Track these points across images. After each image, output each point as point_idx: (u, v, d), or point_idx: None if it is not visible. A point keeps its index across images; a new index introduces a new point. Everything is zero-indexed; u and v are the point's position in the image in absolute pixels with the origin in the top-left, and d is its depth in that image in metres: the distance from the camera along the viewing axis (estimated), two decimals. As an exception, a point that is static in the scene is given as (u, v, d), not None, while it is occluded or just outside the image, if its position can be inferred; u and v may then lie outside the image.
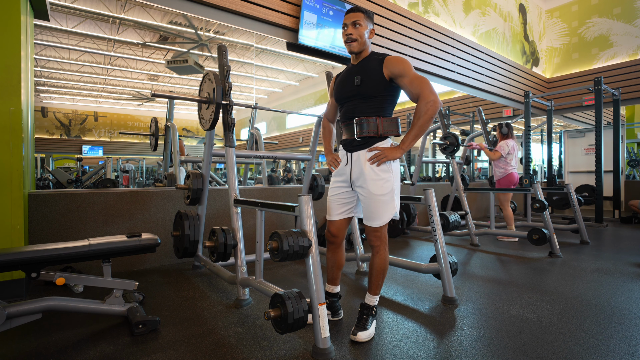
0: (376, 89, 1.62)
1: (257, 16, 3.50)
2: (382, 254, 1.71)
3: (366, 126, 1.62)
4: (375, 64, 1.63)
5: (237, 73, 12.45)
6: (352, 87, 1.66)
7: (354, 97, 1.67)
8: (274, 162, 10.22)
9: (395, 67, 1.59)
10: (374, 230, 1.69)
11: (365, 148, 1.65)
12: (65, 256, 1.68)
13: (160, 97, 3.07)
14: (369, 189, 1.63)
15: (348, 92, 1.69)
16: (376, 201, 1.63)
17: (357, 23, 1.64)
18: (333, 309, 1.89)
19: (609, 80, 7.14)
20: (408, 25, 5.05)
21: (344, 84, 1.71)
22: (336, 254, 1.85)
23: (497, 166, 4.31)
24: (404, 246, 3.92)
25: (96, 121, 17.03)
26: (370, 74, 1.62)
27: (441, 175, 10.55)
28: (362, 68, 1.66)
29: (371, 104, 1.64)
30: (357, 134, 1.64)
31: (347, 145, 1.71)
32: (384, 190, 1.62)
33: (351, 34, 1.64)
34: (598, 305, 2.12)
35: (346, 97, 1.70)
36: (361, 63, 1.68)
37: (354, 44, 1.65)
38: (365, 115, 1.63)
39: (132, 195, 2.99)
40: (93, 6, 7.79)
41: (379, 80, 1.61)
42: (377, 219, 1.66)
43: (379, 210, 1.64)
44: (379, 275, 1.73)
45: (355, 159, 1.67)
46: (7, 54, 2.20)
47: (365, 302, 1.76)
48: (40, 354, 1.55)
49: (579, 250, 3.68)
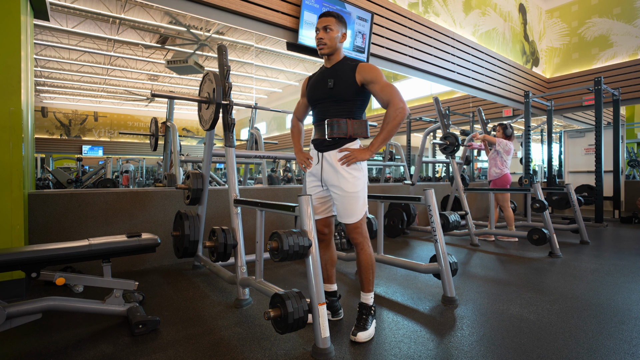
0: (347, 93, 1.68)
1: (257, 16, 3.50)
2: (366, 249, 1.75)
3: (337, 127, 1.68)
4: (348, 69, 1.69)
5: (237, 73, 12.45)
6: (324, 90, 1.72)
7: (326, 100, 1.72)
8: (274, 162, 10.21)
9: (367, 74, 1.65)
10: (354, 227, 1.73)
11: (335, 148, 1.71)
12: (65, 256, 1.68)
13: (160, 97, 3.07)
14: (342, 187, 1.69)
15: (321, 94, 1.74)
16: (350, 198, 1.69)
17: (328, 27, 1.69)
18: (333, 309, 1.89)
19: (609, 80, 7.14)
20: (408, 25, 5.05)
21: (317, 86, 1.77)
22: (327, 251, 1.89)
23: (495, 165, 4.31)
24: (404, 246, 3.92)
25: (96, 121, 17.03)
26: (343, 78, 1.69)
27: (441, 175, 10.55)
28: (335, 72, 1.72)
29: (342, 107, 1.70)
30: (328, 134, 1.70)
31: (318, 145, 1.77)
32: (357, 188, 1.69)
33: (322, 38, 1.70)
34: (598, 305, 2.12)
35: (319, 99, 1.76)
36: (334, 67, 1.74)
37: (324, 47, 1.71)
38: (337, 117, 1.70)
39: (132, 195, 2.99)
40: (93, 6, 7.79)
41: (351, 84, 1.68)
42: (353, 216, 1.71)
43: (354, 206, 1.70)
44: (368, 272, 1.75)
45: (326, 158, 1.73)
46: (7, 54, 2.20)
47: (362, 301, 1.77)
48: (40, 354, 1.55)
49: (579, 250, 3.68)
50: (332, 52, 1.73)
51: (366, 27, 4.35)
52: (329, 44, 1.70)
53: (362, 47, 4.35)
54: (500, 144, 4.25)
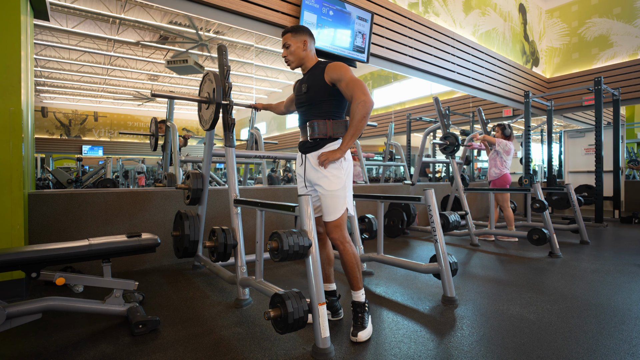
0: (321, 95, 1.75)
1: (257, 16, 3.50)
2: (348, 248, 1.76)
3: (317, 128, 1.75)
4: (318, 72, 1.76)
5: (237, 73, 12.44)
6: (300, 95, 1.82)
7: (304, 104, 1.81)
8: (274, 162, 10.21)
9: (333, 73, 1.70)
10: (334, 225, 1.75)
11: (317, 149, 1.78)
12: (65, 256, 1.68)
13: (160, 97, 3.07)
14: (322, 186, 1.75)
15: (299, 100, 1.84)
16: (330, 196, 1.73)
17: (286, 45, 1.80)
18: (332, 309, 1.89)
19: (609, 80, 7.14)
20: (408, 25, 5.05)
21: (296, 92, 1.88)
22: (323, 250, 1.92)
23: (495, 166, 4.32)
24: (404, 246, 3.92)
25: (96, 121, 17.02)
26: (315, 82, 1.76)
27: (441, 175, 10.54)
28: (309, 77, 1.80)
29: (319, 109, 1.76)
30: (310, 135, 1.77)
31: (301, 147, 1.85)
32: (337, 186, 1.74)
33: (285, 56, 1.83)
34: (598, 305, 2.12)
35: (298, 104, 1.86)
36: (308, 72, 1.83)
37: (291, 63, 1.83)
38: (316, 118, 1.76)
39: (132, 195, 2.99)
40: (93, 6, 7.78)
41: (322, 86, 1.74)
42: (334, 213, 1.75)
43: (336, 204, 1.74)
44: (354, 270, 1.76)
45: (309, 159, 1.80)
46: (7, 54, 2.20)
47: (354, 300, 1.77)
48: (40, 354, 1.55)
49: (579, 250, 3.68)
50: (300, 63, 1.83)
51: (366, 27, 4.35)
52: (293, 59, 1.81)
53: (362, 47, 4.35)
54: (500, 145, 4.25)
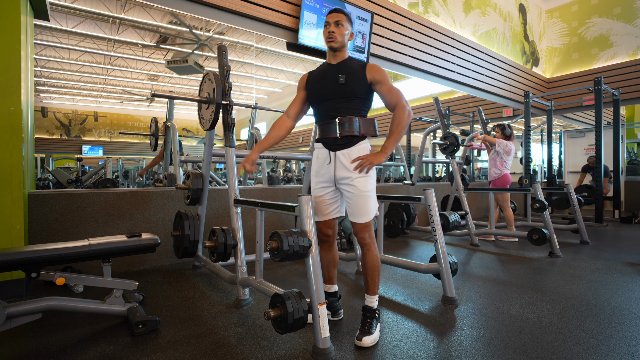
0: (359, 90, 1.68)
1: (257, 16, 3.50)
2: (374, 250, 1.74)
3: (348, 125, 1.66)
4: (357, 67, 1.70)
5: (237, 73, 12.43)
6: (335, 86, 1.68)
7: (336, 96, 1.69)
8: (274, 162, 10.21)
9: (377, 74, 1.68)
10: (364, 226, 1.72)
11: (348, 147, 1.69)
12: (65, 256, 1.68)
13: (160, 97, 3.07)
14: (355, 186, 1.67)
15: (330, 90, 1.70)
16: (362, 197, 1.68)
17: (339, 23, 1.69)
18: (332, 309, 1.89)
19: (609, 80, 7.13)
20: (408, 25, 5.05)
21: (325, 82, 1.72)
22: (330, 252, 1.87)
23: (495, 166, 4.32)
24: (404, 246, 3.91)
25: (96, 121, 17.00)
26: (354, 75, 1.68)
27: (441, 175, 10.54)
28: (344, 68, 1.70)
29: (353, 104, 1.69)
30: (340, 133, 1.67)
31: (328, 144, 1.73)
32: (370, 187, 1.70)
33: (333, 32, 1.69)
34: (598, 305, 2.12)
35: (327, 95, 1.71)
36: (342, 64, 1.73)
37: (334, 41, 1.70)
38: (348, 114, 1.68)
39: (132, 195, 2.99)
40: (93, 6, 7.78)
41: (362, 82, 1.68)
42: (365, 215, 1.70)
43: (367, 205, 1.69)
44: (374, 273, 1.73)
45: (340, 157, 1.70)
46: (7, 54, 2.20)
47: (366, 304, 1.73)
48: (40, 354, 1.55)
49: (579, 250, 3.68)
50: (341, 47, 1.72)
51: (366, 27, 4.35)
52: (340, 39, 1.69)
53: (362, 47, 4.35)
54: (500, 145, 4.25)
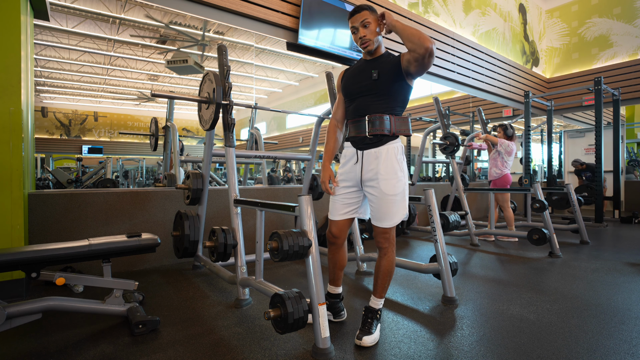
0: (392, 86, 1.59)
1: (257, 16, 3.50)
2: (390, 256, 1.68)
3: (379, 124, 1.58)
4: (393, 59, 1.61)
5: (237, 73, 12.43)
6: (368, 82, 1.61)
7: (368, 93, 1.62)
8: (274, 162, 10.21)
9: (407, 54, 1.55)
10: (384, 231, 1.65)
11: (377, 146, 1.61)
12: (65, 256, 1.68)
13: (160, 97, 3.07)
14: (381, 189, 1.59)
15: (363, 87, 1.63)
16: (388, 201, 1.59)
17: (365, 22, 1.60)
18: (335, 310, 1.87)
19: (609, 80, 7.14)
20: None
21: (358, 78, 1.66)
22: (338, 254, 1.81)
23: (495, 166, 4.32)
24: (404, 246, 3.91)
25: (96, 121, 17.00)
26: (388, 69, 1.59)
27: (441, 175, 10.54)
28: (379, 63, 1.62)
29: (384, 102, 1.60)
30: (369, 131, 1.60)
31: (357, 143, 1.66)
32: (397, 190, 1.59)
33: (364, 35, 1.61)
34: (598, 305, 2.12)
35: (359, 92, 1.65)
36: (378, 59, 1.65)
37: (369, 43, 1.62)
38: (379, 112, 1.59)
39: (132, 195, 2.99)
40: (93, 6, 7.78)
41: (397, 75, 1.58)
42: (388, 220, 1.62)
43: (391, 210, 1.60)
44: (385, 278, 1.69)
45: (367, 157, 1.62)
46: (7, 54, 2.20)
47: (370, 305, 1.72)
48: (40, 354, 1.55)
49: (579, 250, 3.68)
50: (378, 46, 1.64)
51: (366, 27, 4.33)
52: (373, 39, 1.61)
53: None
54: (502, 145, 4.25)
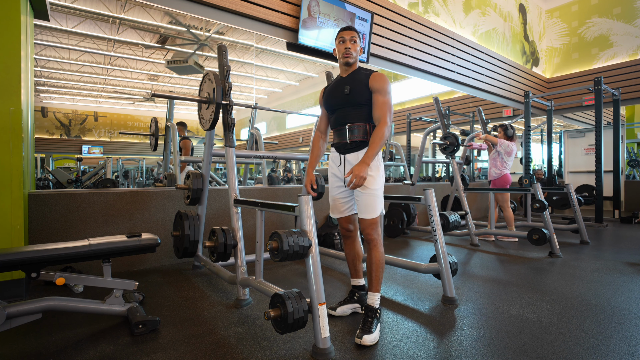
0: (363, 98, 1.81)
1: (257, 16, 3.50)
2: (379, 247, 1.83)
3: (357, 132, 1.82)
4: (363, 77, 1.83)
5: (237, 73, 12.43)
6: (342, 96, 1.85)
7: (344, 105, 1.85)
8: (274, 162, 10.21)
9: (377, 83, 1.79)
10: (372, 222, 1.82)
11: (356, 150, 1.85)
12: (65, 256, 1.68)
13: (160, 97, 3.07)
14: (364, 184, 1.77)
15: (339, 100, 1.87)
16: (369, 194, 1.80)
17: (353, 39, 1.85)
18: (363, 302, 1.97)
19: (609, 80, 7.13)
20: (408, 25, 5.05)
21: (334, 94, 1.90)
22: (353, 246, 2.01)
23: (495, 166, 4.31)
24: (404, 246, 3.91)
25: (96, 121, 17.00)
26: (359, 85, 1.82)
27: (441, 175, 10.54)
28: (351, 80, 1.85)
29: (360, 111, 1.83)
30: (349, 138, 1.83)
31: (340, 148, 1.90)
32: (376, 185, 1.81)
33: (349, 48, 1.84)
34: (598, 305, 2.12)
35: (337, 105, 1.89)
36: (351, 75, 1.88)
37: (351, 57, 1.85)
38: (356, 122, 1.83)
39: (132, 195, 2.99)
40: (93, 6, 7.78)
41: (365, 90, 1.81)
42: (372, 212, 1.81)
43: (375, 202, 1.81)
44: (378, 269, 1.82)
45: (349, 160, 1.87)
46: (7, 54, 2.20)
47: (369, 304, 1.78)
48: (40, 354, 1.55)
49: (579, 250, 3.68)
50: (354, 62, 1.88)
51: (366, 27, 4.35)
52: (355, 55, 1.86)
53: (362, 47, 4.35)
54: (502, 145, 4.25)
